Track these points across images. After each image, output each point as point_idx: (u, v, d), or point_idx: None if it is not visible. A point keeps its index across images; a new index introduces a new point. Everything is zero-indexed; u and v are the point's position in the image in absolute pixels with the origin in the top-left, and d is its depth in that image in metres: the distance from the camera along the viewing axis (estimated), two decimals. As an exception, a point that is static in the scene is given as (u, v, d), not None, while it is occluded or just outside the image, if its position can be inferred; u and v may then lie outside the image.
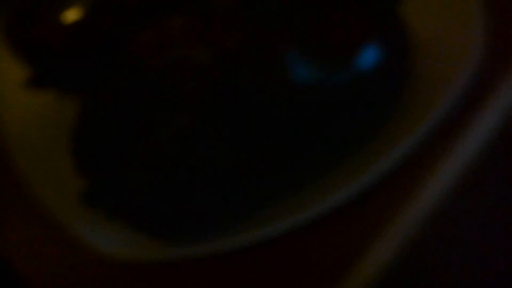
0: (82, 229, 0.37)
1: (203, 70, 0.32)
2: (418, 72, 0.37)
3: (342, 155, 0.36)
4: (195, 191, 0.33)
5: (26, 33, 0.39)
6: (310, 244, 0.36)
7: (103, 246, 0.36)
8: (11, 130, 0.42)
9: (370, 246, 0.35)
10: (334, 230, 0.36)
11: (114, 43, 0.37)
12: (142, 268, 0.37)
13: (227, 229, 0.36)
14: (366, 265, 0.34)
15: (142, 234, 0.35)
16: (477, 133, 0.36)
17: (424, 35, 0.37)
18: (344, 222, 0.36)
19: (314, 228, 0.35)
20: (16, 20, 0.39)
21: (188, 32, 0.33)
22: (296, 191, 0.36)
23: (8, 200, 0.42)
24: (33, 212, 0.40)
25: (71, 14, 0.37)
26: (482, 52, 0.37)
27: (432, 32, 0.38)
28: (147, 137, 0.32)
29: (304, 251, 0.36)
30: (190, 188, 0.33)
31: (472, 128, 0.36)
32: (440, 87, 0.36)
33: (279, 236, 0.36)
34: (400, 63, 0.35)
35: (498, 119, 0.37)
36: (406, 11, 0.37)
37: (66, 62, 0.38)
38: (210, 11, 0.33)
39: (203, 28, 0.33)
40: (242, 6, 0.33)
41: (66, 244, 0.38)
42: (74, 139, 0.35)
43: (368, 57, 0.33)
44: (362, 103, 0.34)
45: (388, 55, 0.34)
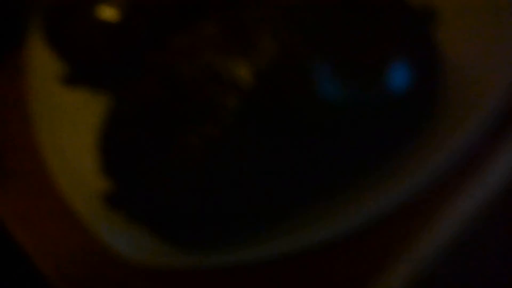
0: (103, 229, 0.37)
1: (235, 83, 0.32)
2: (447, 96, 0.36)
3: (364, 175, 0.36)
4: (219, 202, 0.33)
5: (63, 31, 0.39)
6: (323, 263, 0.36)
7: (122, 248, 0.37)
8: (42, 125, 0.42)
9: (384, 271, 0.35)
10: (347, 252, 0.36)
11: (148, 46, 0.37)
12: (161, 274, 0.37)
13: (248, 240, 0.36)
14: None
15: (161, 240, 0.36)
16: (503, 162, 0.36)
17: (456, 58, 0.37)
18: (360, 244, 0.35)
19: (329, 248, 0.36)
20: (54, 17, 0.40)
21: (221, 42, 0.33)
22: (317, 207, 0.36)
23: (33, 195, 0.42)
24: (58, 208, 0.40)
25: (108, 15, 0.38)
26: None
27: (464, 56, 0.37)
28: (174, 144, 0.33)
29: (318, 269, 0.36)
30: (213, 199, 0.33)
31: (497, 157, 0.36)
32: (468, 113, 0.36)
33: (296, 252, 0.36)
34: (430, 86, 0.35)
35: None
36: (440, 33, 0.36)
37: (101, 61, 0.39)
38: (244, 21, 0.33)
39: (237, 39, 0.33)
40: (276, 17, 0.33)
41: (88, 243, 0.39)
42: (101, 139, 0.35)
43: (398, 77, 0.33)
44: (388, 124, 0.34)
45: (418, 77, 0.34)
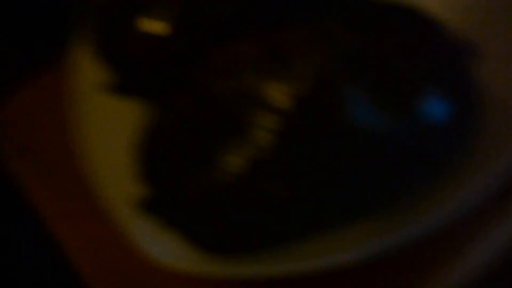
0: (137, 233, 0.39)
1: (270, 104, 0.33)
2: (484, 130, 0.37)
3: (389, 203, 0.36)
4: (252, 218, 0.34)
5: (111, 41, 0.41)
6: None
7: (155, 252, 0.38)
8: (82, 129, 0.44)
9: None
10: (383, 270, 0.36)
11: (189, 61, 0.38)
12: (192, 279, 0.38)
13: (283, 254, 0.37)
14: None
15: (192, 247, 0.37)
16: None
17: (495, 94, 0.37)
18: (393, 264, 0.36)
19: (362, 267, 0.36)
20: (103, 27, 0.41)
21: (258, 63, 0.34)
22: (344, 230, 0.37)
23: (73, 195, 0.44)
24: (96, 209, 0.42)
25: (155, 28, 0.39)
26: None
27: (503, 91, 0.37)
28: (210, 159, 0.34)
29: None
30: (247, 215, 0.34)
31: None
32: (502, 150, 0.36)
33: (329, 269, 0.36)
34: (465, 119, 0.36)
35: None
36: (480, 68, 0.37)
37: (144, 73, 0.40)
38: (282, 43, 0.34)
39: (274, 61, 0.34)
40: (314, 42, 0.34)
41: (123, 245, 0.40)
42: (142, 148, 0.37)
43: (432, 109, 0.34)
44: (418, 154, 0.35)
45: (453, 110, 0.34)
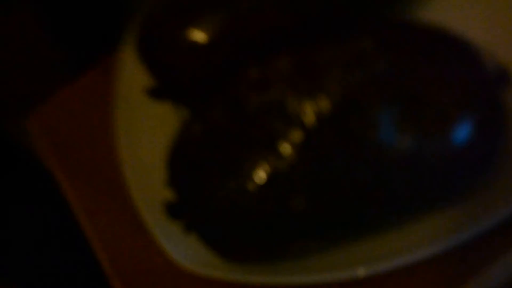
0: (162, 235, 0.40)
1: (299, 119, 0.34)
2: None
3: (415, 220, 0.37)
4: (275, 228, 0.35)
5: (155, 48, 0.42)
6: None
7: (176, 255, 0.39)
8: (121, 130, 0.45)
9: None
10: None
11: (228, 72, 0.39)
12: (213, 283, 0.39)
13: (303, 263, 0.38)
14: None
15: (213, 252, 0.38)
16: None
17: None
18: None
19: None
20: (148, 34, 0.42)
21: (291, 78, 0.35)
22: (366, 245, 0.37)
23: (105, 195, 0.45)
24: (126, 210, 0.43)
25: (198, 38, 0.40)
26: None
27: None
28: (235, 168, 0.35)
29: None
30: (270, 224, 0.35)
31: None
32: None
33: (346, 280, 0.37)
34: (494, 144, 0.35)
35: None
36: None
37: (185, 81, 0.41)
38: (315, 61, 0.35)
39: (306, 78, 0.35)
40: (346, 62, 0.35)
41: (148, 247, 0.41)
42: (171, 153, 0.38)
43: (460, 133, 0.34)
44: (447, 176, 0.35)
45: (480, 135, 0.34)
